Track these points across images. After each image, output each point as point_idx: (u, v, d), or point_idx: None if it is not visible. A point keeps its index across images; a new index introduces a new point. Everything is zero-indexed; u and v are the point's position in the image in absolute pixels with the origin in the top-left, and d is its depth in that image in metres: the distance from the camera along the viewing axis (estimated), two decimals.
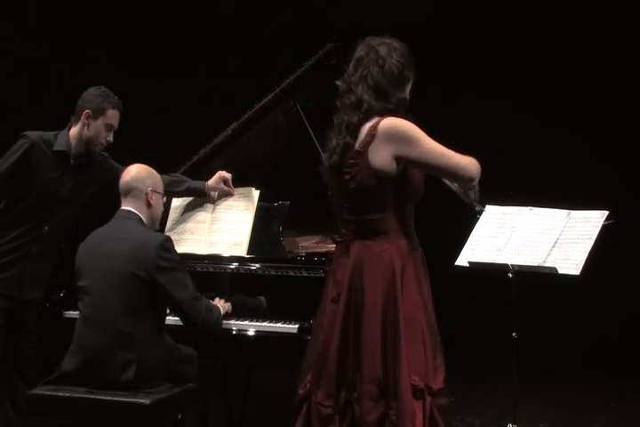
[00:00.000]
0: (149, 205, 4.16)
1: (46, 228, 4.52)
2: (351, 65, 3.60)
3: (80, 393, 3.95)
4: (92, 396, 3.92)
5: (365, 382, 3.40)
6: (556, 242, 4.55)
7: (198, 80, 7.70)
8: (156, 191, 4.18)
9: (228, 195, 4.72)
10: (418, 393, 3.40)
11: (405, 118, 3.51)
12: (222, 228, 4.64)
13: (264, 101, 4.83)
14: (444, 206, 7.23)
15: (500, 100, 7.32)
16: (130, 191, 4.14)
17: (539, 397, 6.31)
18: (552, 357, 6.99)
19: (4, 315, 4.51)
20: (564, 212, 4.66)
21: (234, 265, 4.54)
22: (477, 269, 4.72)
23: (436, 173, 3.55)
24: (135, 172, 4.18)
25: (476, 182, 3.60)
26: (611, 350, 7.07)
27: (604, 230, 4.48)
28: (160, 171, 4.59)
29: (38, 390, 4.03)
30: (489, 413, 6.00)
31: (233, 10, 7.71)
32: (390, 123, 3.47)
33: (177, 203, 4.79)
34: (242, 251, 4.56)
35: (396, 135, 3.45)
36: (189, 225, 4.71)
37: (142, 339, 3.96)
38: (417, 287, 3.51)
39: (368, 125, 3.49)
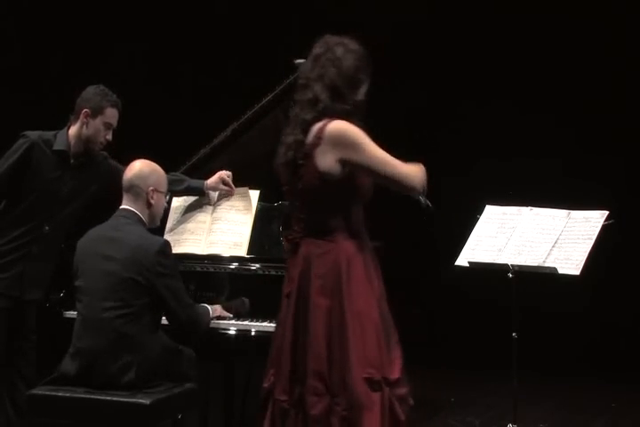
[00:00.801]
0: (149, 205, 4.14)
1: (47, 228, 4.52)
2: (309, 60, 3.61)
3: (80, 393, 3.94)
4: (92, 396, 3.92)
5: (310, 377, 3.46)
6: (555, 242, 4.55)
7: (198, 80, 7.70)
8: (157, 190, 4.16)
9: (228, 194, 4.72)
10: (375, 385, 3.44)
11: (355, 122, 3.52)
12: (222, 228, 4.64)
13: (264, 101, 4.83)
14: (444, 206, 7.28)
15: (500, 100, 7.33)
16: (131, 188, 4.12)
17: (539, 397, 6.32)
18: (552, 357, 6.99)
19: (4, 315, 4.50)
20: (563, 212, 4.66)
21: (234, 265, 4.54)
22: (477, 269, 4.73)
23: (378, 180, 3.55)
24: (138, 169, 4.15)
25: (418, 192, 3.57)
26: (611, 350, 7.07)
27: (604, 230, 4.48)
28: None
29: (38, 390, 4.02)
30: (489, 413, 6.00)
31: (233, 10, 7.71)
32: (337, 127, 3.49)
33: (177, 203, 4.79)
34: (242, 251, 4.56)
35: (342, 140, 3.48)
36: (189, 225, 4.71)
37: (141, 339, 3.95)
38: (367, 284, 3.54)
39: (317, 126, 3.51)
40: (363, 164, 3.48)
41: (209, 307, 4.29)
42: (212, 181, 4.71)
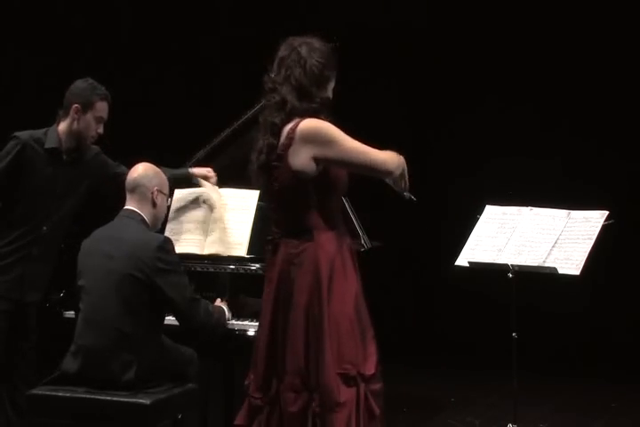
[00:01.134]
0: (154, 205, 4.16)
1: (45, 228, 4.51)
2: (275, 64, 3.65)
3: (80, 393, 3.95)
4: (92, 396, 3.92)
5: (288, 374, 3.52)
6: (555, 242, 4.55)
7: (198, 80, 7.69)
8: (161, 191, 4.18)
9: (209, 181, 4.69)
10: (351, 381, 3.50)
11: (325, 119, 3.56)
12: (222, 228, 4.63)
13: (264, 101, 4.82)
14: (444, 207, 7.28)
15: (500, 100, 7.33)
16: (136, 188, 4.13)
17: (539, 397, 6.31)
18: (552, 357, 6.99)
19: (4, 317, 4.49)
20: (563, 212, 4.66)
21: (234, 265, 4.54)
22: (477, 269, 4.72)
23: (356, 171, 3.61)
24: (143, 170, 4.18)
25: (396, 175, 3.62)
26: (611, 350, 7.07)
27: (604, 230, 4.48)
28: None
29: (38, 390, 4.03)
30: (489, 413, 5.99)
31: (233, 9, 7.71)
32: (308, 125, 3.54)
33: (177, 203, 4.78)
34: (242, 251, 4.55)
35: (313, 137, 3.52)
36: (189, 225, 4.70)
37: (141, 339, 3.96)
38: (344, 281, 3.58)
39: (288, 127, 3.55)
40: (338, 157, 3.53)
41: (225, 308, 4.28)
42: (197, 169, 4.69)
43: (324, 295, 3.51)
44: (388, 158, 3.59)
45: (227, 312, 4.28)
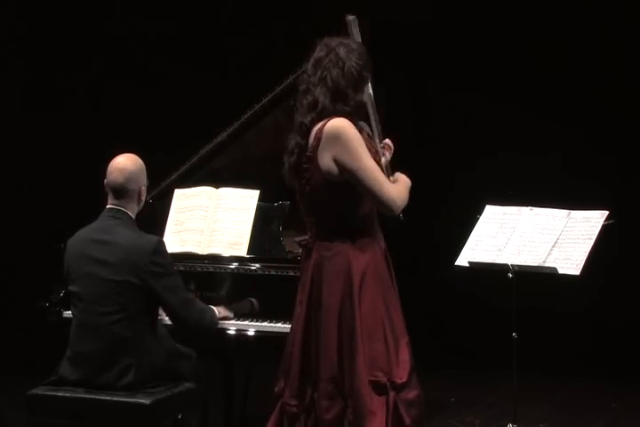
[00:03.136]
0: (139, 201, 4.11)
1: None
2: (310, 65, 3.62)
3: (80, 393, 3.94)
4: (92, 396, 3.92)
5: (322, 380, 3.48)
6: (556, 242, 4.56)
7: (198, 80, 7.69)
8: (144, 185, 4.13)
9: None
10: (380, 389, 3.46)
11: (354, 123, 3.53)
12: (222, 228, 4.64)
13: (264, 101, 4.83)
14: (444, 207, 7.28)
15: (498, 99, 7.32)
16: (125, 193, 4.03)
17: (539, 397, 6.31)
18: (552, 357, 6.98)
19: None
20: (564, 212, 4.66)
21: (234, 265, 4.54)
22: (477, 269, 4.73)
23: (361, 191, 3.52)
24: (130, 171, 4.03)
25: (396, 215, 3.58)
26: (611, 350, 7.06)
27: (604, 230, 4.49)
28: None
29: (38, 390, 4.02)
30: (489, 413, 5.99)
31: (233, 8, 7.71)
32: (335, 124, 3.50)
33: (178, 203, 4.78)
34: (242, 251, 4.56)
35: (336, 137, 3.48)
36: (189, 225, 4.70)
37: (139, 342, 3.94)
38: (377, 285, 3.55)
39: (316, 128, 3.52)
40: (350, 168, 3.47)
41: (214, 308, 4.27)
42: None
43: (355, 299, 3.47)
44: (396, 196, 3.52)
45: (217, 313, 4.25)
